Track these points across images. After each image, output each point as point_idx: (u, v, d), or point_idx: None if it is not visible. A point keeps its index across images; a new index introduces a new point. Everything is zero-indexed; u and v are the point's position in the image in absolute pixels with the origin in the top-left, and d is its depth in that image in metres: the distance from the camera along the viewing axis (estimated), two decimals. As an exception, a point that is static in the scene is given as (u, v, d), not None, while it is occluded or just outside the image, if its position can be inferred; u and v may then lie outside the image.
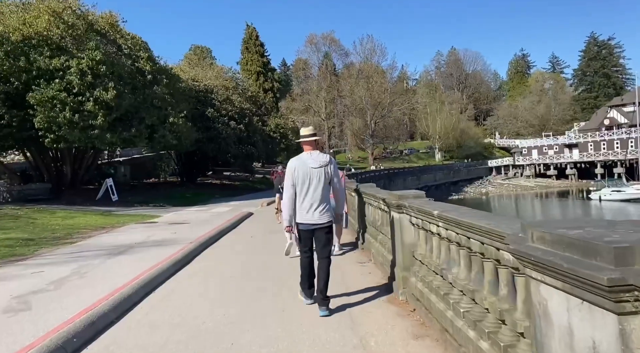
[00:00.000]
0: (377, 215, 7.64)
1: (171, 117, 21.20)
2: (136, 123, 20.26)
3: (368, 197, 8.06)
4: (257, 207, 20.12)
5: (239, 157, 30.51)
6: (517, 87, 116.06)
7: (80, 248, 9.38)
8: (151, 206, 20.86)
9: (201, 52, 51.67)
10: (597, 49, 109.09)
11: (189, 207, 20.60)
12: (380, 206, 7.02)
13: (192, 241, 9.77)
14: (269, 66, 77.28)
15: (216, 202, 23.33)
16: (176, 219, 14.83)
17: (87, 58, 17.99)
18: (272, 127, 37.18)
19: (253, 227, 13.31)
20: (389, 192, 6.04)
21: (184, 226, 12.98)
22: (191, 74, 31.81)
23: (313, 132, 5.24)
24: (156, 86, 21.24)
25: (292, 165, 5.05)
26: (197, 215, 16.49)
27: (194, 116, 27.28)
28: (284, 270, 7.18)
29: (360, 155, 79.12)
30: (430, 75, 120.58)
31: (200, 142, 27.26)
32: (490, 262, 3.16)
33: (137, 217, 16.04)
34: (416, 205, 4.61)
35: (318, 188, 4.96)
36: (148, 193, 25.67)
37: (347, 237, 10.01)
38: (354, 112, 72.19)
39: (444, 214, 3.73)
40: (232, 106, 30.37)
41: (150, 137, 21.12)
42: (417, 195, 5.31)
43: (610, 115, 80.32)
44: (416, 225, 4.92)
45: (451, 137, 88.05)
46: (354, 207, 10.37)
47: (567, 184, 73.29)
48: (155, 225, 13.44)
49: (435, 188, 67.75)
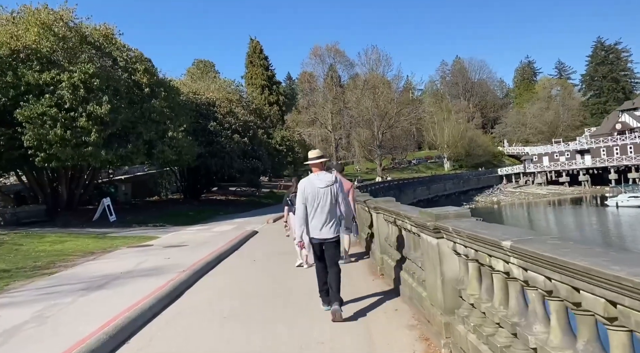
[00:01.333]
0: (400, 235, 6.39)
1: (170, 131, 20.12)
2: (133, 139, 19.20)
3: (388, 214, 6.82)
4: (262, 224, 18.90)
5: (243, 171, 29.35)
6: (524, 94, 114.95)
7: (58, 281, 8.17)
8: (150, 226, 19.70)
9: (204, 66, 50.97)
10: (605, 53, 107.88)
11: (190, 226, 19.41)
12: (405, 226, 5.76)
13: (185, 269, 8.54)
14: (273, 79, 76.63)
15: (220, 220, 22.14)
16: (173, 241, 13.63)
17: (79, 71, 17.02)
18: (278, 140, 36.08)
19: (257, 247, 12.07)
20: (419, 210, 4.80)
21: (180, 249, 11.75)
22: (193, 87, 30.90)
23: (320, 155, 5.80)
24: (154, 99, 20.23)
25: (302, 186, 5.58)
26: (198, 235, 15.28)
27: (195, 130, 26.24)
28: (295, 303, 5.93)
29: (368, 166, 77.87)
30: (436, 85, 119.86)
31: (203, 157, 26.16)
32: (626, 332, 1.91)
33: (132, 239, 14.86)
34: (466, 230, 3.36)
35: (326, 206, 5.45)
36: (149, 212, 24.55)
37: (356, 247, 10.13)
38: (360, 123, 71.09)
39: (525, 248, 2.48)
40: (235, 119, 29.31)
41: (148, 153, 20.05)
42: (460, 214, 4.06)
43: (621, 119, 78.75)
44: (464, 255, 3.66)
45: (459, 146, 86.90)
46: (369, 224, 9.15)
47: (580, 191, 71.87)
48: (150, 248, 12.23)
49: (445, 198, 66.76)
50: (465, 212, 4.08)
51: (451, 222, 3.79)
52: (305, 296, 6.35)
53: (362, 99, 69.88)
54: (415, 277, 5.38)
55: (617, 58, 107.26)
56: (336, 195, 5.53)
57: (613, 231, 38.71)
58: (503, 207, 63.75)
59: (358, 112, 70.74)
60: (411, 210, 5.53)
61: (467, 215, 4.05)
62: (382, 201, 7.63)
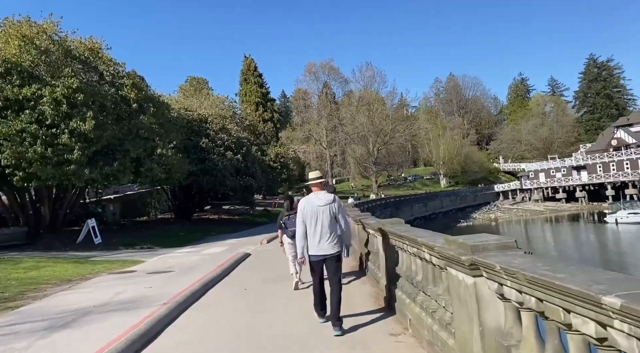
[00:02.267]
0: (415, 265, 5.45)
1: (159, 148, 19.19)
2: (120, 156, 18.23)
3: (398, 239, 5.90)
4: (256, 245, 17.88)
5: (236, 189, 28.35)
6: (518, 111, 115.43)
7: (19, 318, 7.13)
8: (137, 248, 18.60)
9: (197, 83, 50.31)
10: (597, 70, 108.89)
11: (179, 248, 18.34)
12: (422, 255, 4.84)
13: (167, 301, 7.53)
14: (268, 97, 76.34)
15: (211, 241, 21.09)
16: (159, 266, 12.58)
17: (62, 86, 16.15)
18: (272, 157, 35.23)
19: (249, 273, 11.05)
20: (444, 237, 3.89)
21: (165, 276, 10.72)
22: (184, 103, 30.09)
23: (320, 176, 6.13)
24: (142, 115, 19.36)
25: (301, 205, 5.81)
26: (186, 258, 14.23)
27: (186, 147, 25.34)
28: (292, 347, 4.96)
29: (364, 183, 77.06)
30: (430, 102, 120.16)
31: (195, 175, 25.20)
32: None
33: (115, 264, 13.79)
34: (526, 272, 2.45)
35: (325, 223, 5.65)
36: (137, 233, 23.43)
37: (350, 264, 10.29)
38: (355, 140, 70.50)
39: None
40: (228, 135, 28.43)
41: (136, 171, 19.07)
42: (504, 245, 3.16)
43: (617, 135, 78.83)
44: (517, 303, 2.75)
45: (455, 163, 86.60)
46: (374, 248, 8.22)
47: (577, 207, 71.44)
48: (132, 275, 11.18)
49: (442, 215, 66.00)
50: (510, 243, 3.17)
51: (496, 258, 2.88)
52: (304, 336, 5.39)
53: (356, 115, 69.45)
54: (436, 318, 4.43)
55: (610, 75, 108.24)
56: (335, 213, 5.75)
57: (613, 248, 37.92)
58: (501, 224, 63.10)
59: (353, 129, 70.25)
60: (431, 236, 4.62)
61: (512, 246, 3.15)
62: (389, 223, 6.72)
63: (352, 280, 8.87)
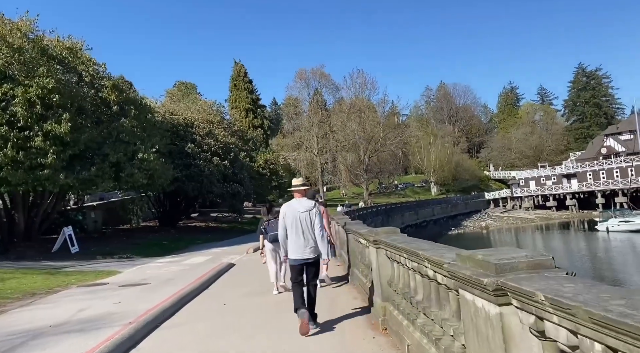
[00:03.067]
0: (414, 281, 4.68)
1: (141, 152, 18.27)
2: (98, 160, 17.29)
3: (395, 251, 5.13)
4: (241, 255, 17.00)
5: (223, 196, 27.44)
6: (508, 119, 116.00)
7: (-41, 340, 6.23)
8: (116, 258, 17.63)
9: (186, 88, 49.32)
10: (586, 79, 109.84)
11: (161, 258, 17.40)
12: (424, 271, 4.07)
13: (133, 320, 6.67)
14: (258, 103, 75.61)
15: (195, 250, 20.16)
16: (134, 278, 11.66)
17: (36, 86, 15.24)
18: (261, 163, 34.39)
19: (230, 285, 10.20)
20: (456, 252, 3.12)
21: (138, 290, 9.83)
22: (170, 107, 29.17)
23: (302, 183, 6.29)
24: (123, 118, 18.47)
25: (283, 210, 6.03)
26: (165, 269, 13.32)
27: (171, 152, 24.43)
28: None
29: (354, 191, 76.35)
30: (421, 110, 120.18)
31: (179, 181, 24.27)
32: None
33: (89, 275, 12.84)
34: (591, 308, 1.69)
35: (305, 229, 5.86)
36: (118, 241, 22.41)
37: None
38: (346, 147, 69.87)
39: None
40: (215, 141, 27.55)
41: (116, 176, 18.13)
42: (537, 263, 2.39)
43: (606, 143, 79.23)
44: (567, 346, 1.98)
45: (446, 170, 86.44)
46: (365, 260, 7.45)
47: (568, 215, 71.51)
48: (102, 289, 10.27)
49: (433, 223, 65.64)
50: (546, 261, 2.40)
51: (534, 283, 2.11)
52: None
53: (348, 122, 68.89)
54: (441, 347, 3.65)
55: (599, 84, 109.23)
56: (313, 220, 5.92)
57: (605, 257, 37.54)
58: (491, 232, 62.87)
59: (344, 136, 69.64)
60: (435, 248, 3.85)
61: (550, 265, 2.38)
62: (384, 232, 5.94)
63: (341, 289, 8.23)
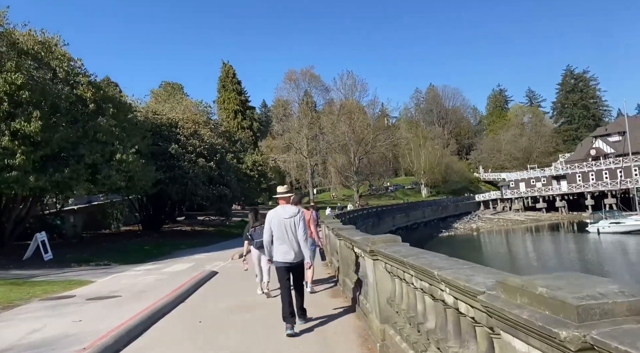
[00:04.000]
0: (422, 304, 3.81)
1: (119, 153, 17.20)
2: (73, 162, 16.20)
3: (401, 266, 4.26)
4: (226, 261, 16.05)
5: (209, 199, 26.37)
6: (497, 121, 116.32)
7: None
8: (92, 265, 16.53)
9: (172, 89, 48.08)
10: (574, 81, 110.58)
11: (140, 265, 16.35)
12: (435, 293, 3.22)
13: (88, 345, 5.71)
14: (247, 104, 74.45)
15: (178, 256, 19.13)
16: (104, 290, 10.65)
17: (3, 82, 14.17)
18: (249, 165, 33.31)
19: (211, 297, 9.25)
20: (500, 277, 2.27)
21: (105, 304, 8.84)
22: (153, 107, 28.04)
23: (287, 190, 6.78)
24: (101, 117, 17.41)
25: (269, 216, 6.36)
26: (141, 279, 12.31)
27: (154, 154, 23.36)
28: None
29: (345, 193, 75.50)
30: (410, 112, 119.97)
31: (162, 184, 23.19)
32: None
33: (57, 285, 11.80)
34: None
35: (290, 234, 6.20)
36: (97, 247, 21.26)
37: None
38: (337, 149, 69.01)
39: None
40: (200, 141, 26.46)
41: (92, 178, 17.05)
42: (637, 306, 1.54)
43: (595, 145, 79.37)
44: None
45: (436, 172, 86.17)
46: (359, 272, 6.58)
47: (557, 217, 71.53)
48: (67, 302, 9.25)
49: (424, 226, 65.07)
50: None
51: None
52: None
53: (338, 124, 68.08)
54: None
55: (586, 86, 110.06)
56: (297, 225, 6.22)
57: (594, 259, 37.14)
58: (482, 235, 62.64)
59: (334, 138, 68.80)
60: (459, 268, 2.97)
61: None
62: (382, 241, 5.05)
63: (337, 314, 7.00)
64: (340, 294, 8.41)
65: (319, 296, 8.50)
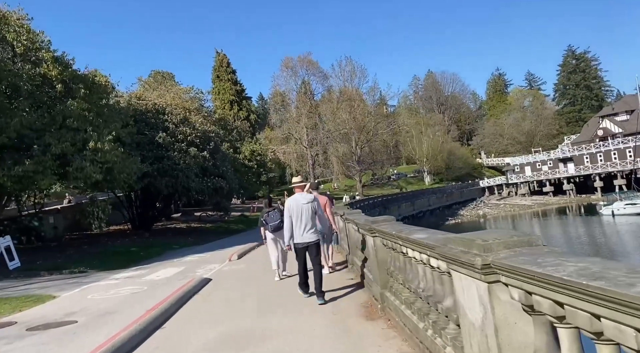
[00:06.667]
0: None
1: (93, 141, 14.66)
2: (38, 152, 13.69)
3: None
4: (222, 263, 13.64)
5: (204, 192, 23.82)
6: (498, 106, 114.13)
7: None
8: (66, 273, 14.04)
9: (162, 77, 45.24)
10: (576, 61, 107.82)
11: (121, 271, 13.89)
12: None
13: None
14: (243, 95, 71.71)
15: (169, 258, 16.69)
16: (59, 311, 8.10)
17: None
18: (247, 155, 30.72)
19: (196, 323, 6.76)
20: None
21: (50, 336, 6.37)
22: (138, 94, 25.35)
23: (302, 180, 7.71)
24: (71, 100, 14.85)
25: (288, 203, 7.22)
26: (112, 293, 9.83)
27: (139, 144, 20.85)
28: None
29: (347, 183, 73.12)
30: (409, 100, 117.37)
31: (150, 177, 20.67)
32: None
33: (9, 303, 9.32)
34: None
35: (307, 217, 7.05)
36: (76, 251, 18.72)
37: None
38: (337, 138, 66.39)
39: None
40: (192, 129, 23.80)
41: (62, 171, 14.55)
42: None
43: (603, 125, 77.04)
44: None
45: (439, 159, 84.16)
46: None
47: (565, 200, 69.50)
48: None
49: (430, 213, 63.49)
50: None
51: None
52: None
53: (338, 112, 65.46)
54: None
55: (588, 66, 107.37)
56: (315, 209, 7.24)
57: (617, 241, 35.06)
58: (489, 221, 60.89)
59: (334, 126, 66.17)
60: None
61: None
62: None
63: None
64: (351, 273, 9.10)
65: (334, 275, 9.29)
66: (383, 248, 5.90)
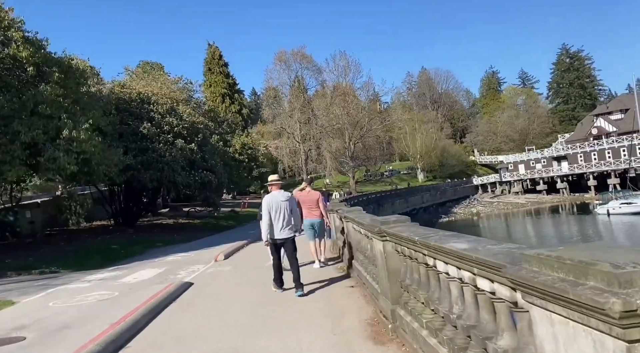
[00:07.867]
0: None
1: (67, 129, 13.39)
2: (5, 140, 12.42)
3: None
4: (207, 264, 12.51)
5: (191, 186, 22.62)
6: (491, 104, 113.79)
7: None
8: (35, 274, 12.82)
9: (151, 68, 43.64)
10: (570, 60, 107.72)
11: (95, 272, 12.68)
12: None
13: None
14: (235, 88, 70.18)
15: (150, 257, 15.51)
16: (10, 323, 6.90)
17: None
18: (237, 148, 29.49)
19: (171, 340, 5.68)
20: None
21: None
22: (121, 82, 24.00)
23: (279, 179, 8.02)
24: (43, 84, 13.58)
25: (267, 199, 7.50)
26: (79, 299, 8.62)
27: (122, 134, 19.61)
28: None
29: (340, 180, 72.12)
30: (403, 96, 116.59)
31: (133, 169, 19.43)
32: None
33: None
34: None
35: (285, 214, 7.40)
36: (51, 248, 17.41)
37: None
38: (331, 133, 65.30)
39: None
40: (179, 120, 22.52)
41: (34, 162, 13.30)
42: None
43: (597, 124, 76.69)
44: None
45: (432, 156, 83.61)
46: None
47: (559, 199, 69.33)
48: None
49: (423, 211, 62.70)
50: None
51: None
52: None
53: (331, 107, 64.36)
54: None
55: (582, 65, 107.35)
56: (292, 207, 7.63)
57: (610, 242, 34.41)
58: (482, 219, 60.51)
59: (328, 121, 65.06)
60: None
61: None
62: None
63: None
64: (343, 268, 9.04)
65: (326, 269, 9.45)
66: (395, 255, 4.84)
